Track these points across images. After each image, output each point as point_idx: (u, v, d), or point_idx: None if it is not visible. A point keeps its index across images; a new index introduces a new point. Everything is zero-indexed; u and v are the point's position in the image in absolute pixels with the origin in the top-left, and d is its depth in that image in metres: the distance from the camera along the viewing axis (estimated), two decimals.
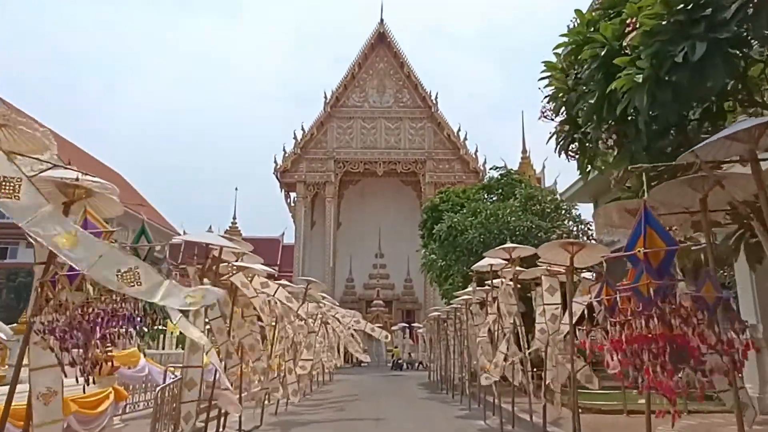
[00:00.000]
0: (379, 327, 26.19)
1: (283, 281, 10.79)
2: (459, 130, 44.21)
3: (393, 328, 36.77)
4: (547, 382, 8.22)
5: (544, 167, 30.97)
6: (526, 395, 9.31)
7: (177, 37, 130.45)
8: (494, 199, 21.61)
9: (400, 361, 33.37)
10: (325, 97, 44.46)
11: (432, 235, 20.21)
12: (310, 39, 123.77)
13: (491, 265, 9.77)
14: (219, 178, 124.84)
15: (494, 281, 9.63)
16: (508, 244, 8.42)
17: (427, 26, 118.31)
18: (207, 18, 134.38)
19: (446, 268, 18.66)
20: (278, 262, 46.05)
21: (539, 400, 8.71)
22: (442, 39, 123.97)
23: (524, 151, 36.68)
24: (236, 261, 8.43)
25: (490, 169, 23.92)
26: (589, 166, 5.58)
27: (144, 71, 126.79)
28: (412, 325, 36.17)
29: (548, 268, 7.00)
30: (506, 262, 9.50)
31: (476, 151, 43.50)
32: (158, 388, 6.89)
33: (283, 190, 45.11)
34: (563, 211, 18.87)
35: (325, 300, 17.65)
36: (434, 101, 44.67)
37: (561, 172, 36.80)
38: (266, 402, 11.13)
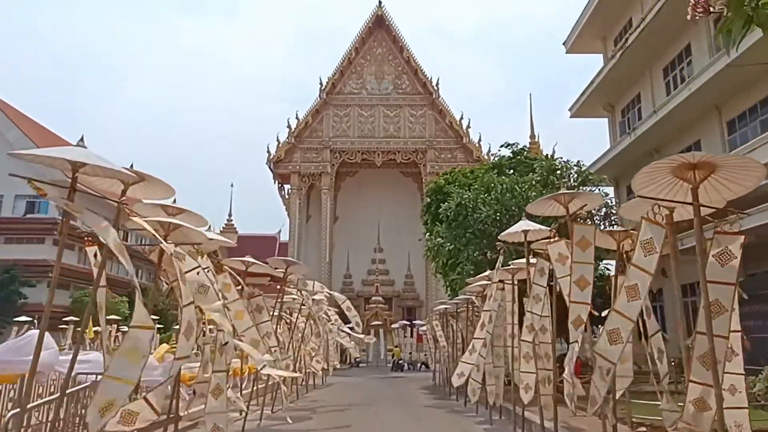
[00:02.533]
0: (377, 324, 23.75)
1: (248, 257, 8.28)
2: (462, 117, 41.76)
3: (393, 325, 34.33)
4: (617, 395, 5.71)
5: (554, 152, 28.38)
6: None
7: (175, 37, 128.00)
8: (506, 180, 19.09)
9: (401, 362, 30.82)
10: (321, 84, 41.96)
11: (438, 217, 17.66)
12: (310, 38, 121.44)
13: (526, 231, 7.25)
14: (218, 178, 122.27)
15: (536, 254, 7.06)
16: (563, 191, 5.79)
17: (425, 25, 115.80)
18: (206, 18, 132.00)
19: (455, 254, 16.08)
20: None
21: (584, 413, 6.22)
22: (440, 37, 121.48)
23: (533, 136, 34.25)
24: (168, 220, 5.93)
25: (501, 146, 21.29)
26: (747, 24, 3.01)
27: (142, 71, 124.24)
28: (414, 322, 33.73)
29: (653, 208, 4.22)
30: (548, 230, 7.02)
31: (479, 139, 41.06)
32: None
33: (276, 182, 42.65)
34: (589, 187, 16.42)
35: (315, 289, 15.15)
36: (435, 87, 42.17)
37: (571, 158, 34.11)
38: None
